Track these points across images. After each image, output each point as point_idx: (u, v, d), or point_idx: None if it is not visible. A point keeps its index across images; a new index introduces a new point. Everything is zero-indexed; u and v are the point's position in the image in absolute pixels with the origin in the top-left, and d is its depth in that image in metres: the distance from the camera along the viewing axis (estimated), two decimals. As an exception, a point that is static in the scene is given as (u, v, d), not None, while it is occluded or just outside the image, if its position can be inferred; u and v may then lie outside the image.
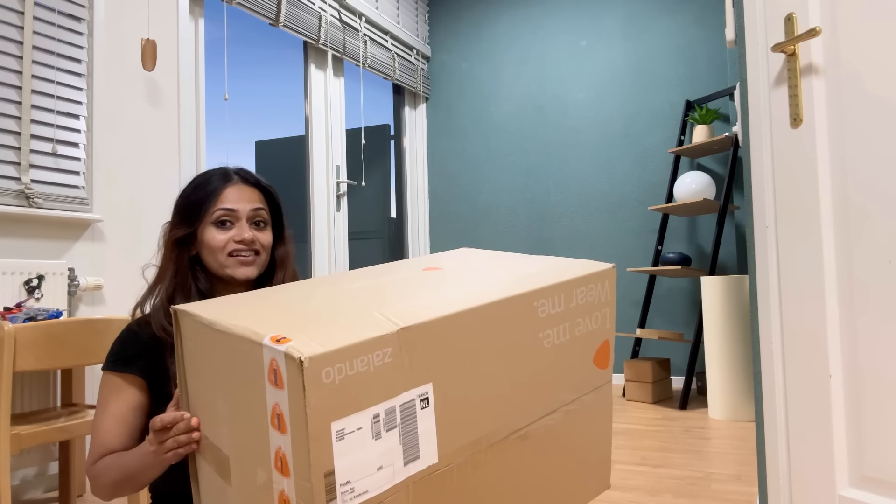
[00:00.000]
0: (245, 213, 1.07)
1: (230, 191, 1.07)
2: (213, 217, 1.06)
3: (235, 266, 1.06)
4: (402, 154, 4.63)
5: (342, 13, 3.84)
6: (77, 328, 1.70)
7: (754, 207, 1.41)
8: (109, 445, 0.99)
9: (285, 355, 0.59)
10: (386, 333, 0.64)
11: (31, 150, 2.14)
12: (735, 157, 3.33)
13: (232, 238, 1.06)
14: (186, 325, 0.79)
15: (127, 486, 0.94)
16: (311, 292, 0.81)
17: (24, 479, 2.09)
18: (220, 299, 0.81)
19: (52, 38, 2.21)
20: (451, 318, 0.70)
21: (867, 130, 1.19)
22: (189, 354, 0.80)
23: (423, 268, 0.93)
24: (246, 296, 0.83)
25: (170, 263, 1.08)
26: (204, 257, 1.08)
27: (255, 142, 3.74)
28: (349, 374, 0.61)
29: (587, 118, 4.19)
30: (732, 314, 2.98)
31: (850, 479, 1.22)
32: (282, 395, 0.61)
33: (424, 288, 0.80)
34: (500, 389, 0.76)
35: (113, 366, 1.04)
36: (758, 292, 1.40)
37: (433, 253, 1.10)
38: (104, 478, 0.96)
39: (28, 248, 2.13)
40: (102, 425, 1.01)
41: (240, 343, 0.66)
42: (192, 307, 0.78)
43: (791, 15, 1.30)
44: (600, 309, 0.91)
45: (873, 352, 1.17)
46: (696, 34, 3.90)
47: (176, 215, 1.10)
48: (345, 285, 0.83)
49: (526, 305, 0.79)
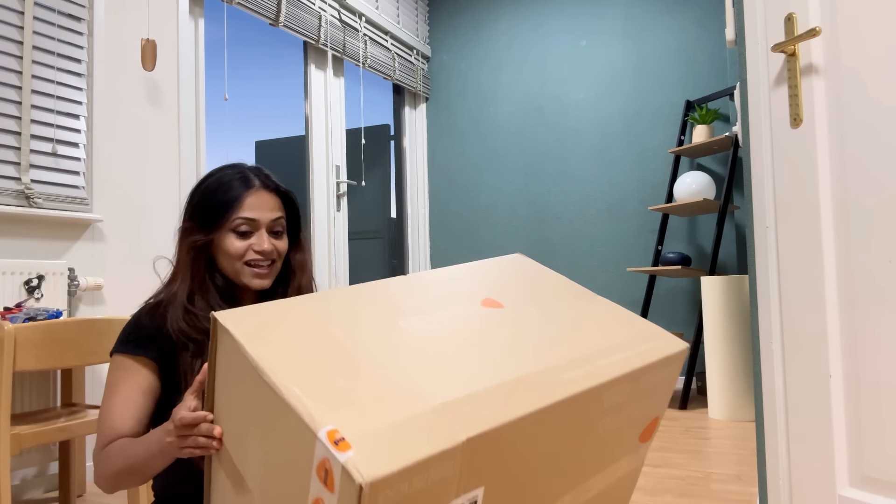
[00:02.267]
0: (265, 223, 1.07)
1: (251, 199, 1.06)
2: (233, 225, 1.05)
3: (251, 276, 1.06)
4: (402, 154, 4.63)
5: (342, 13, 3.84)
6: (77, 328, 1.70)
7: (754, 207, 1.41)
8: (118, 429, 0.98)
9: (343, 468, 0.54)
10: (452, 447, 0.59)
11: (31, 150, 2.14)
12: (735, 157, 3.33)
13: (251, 247, 1.06)
14: (226, 344, 0.73)
15: (130, 477, 0.92)
16: (368, 332, 0.74)
17: (24, 479, 2.09)
18: (262, 319, 0.73)
19: (52, 38, 2.21)
20: (517, 422, 0.65)
21: (867, 130, 1.19)
22: (223, 371, 0.75)
23: (482, 300, 0.86)
24: (292, 324, 0.74)
25: (188, 268, 1.06)
26: (219, 261, 1.08)
27: (255, 142, 3.74)
28: (406, 493, 0.57)
29: (587, 118, 4.19)
30: (732, 314, 2.98)
31: (850, 479, 1.22)
32: (330, 496, 0.57)
33: (488, 347, 0.75)
34: (547, 477, 0.73)
35: (125, 347, 1.02)
36: (758, 292, 1.40)
37: (477, 261, 1.00)
38: (108, 465, 0.94)
39: (28, 248, 2.13)
40: (112, 408, 0.99)
41: (290, 413, 0.61)
42: (236, 328, 0.71)
43: (791, 15, 1.30)
44: (662, 390, 0.86)
45: (873, 352, 1.17)
46: (696, 34, 3.90)
47: (193, 217, 1.08)
48: (402, 322, 0.77)
49: (594, 398, 0.74)
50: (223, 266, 1.07)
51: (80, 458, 2.09)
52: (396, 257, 4.60)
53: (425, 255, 4.67)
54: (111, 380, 1.02)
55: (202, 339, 1.02)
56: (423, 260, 4.65)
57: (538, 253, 4.30)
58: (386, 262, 4.54)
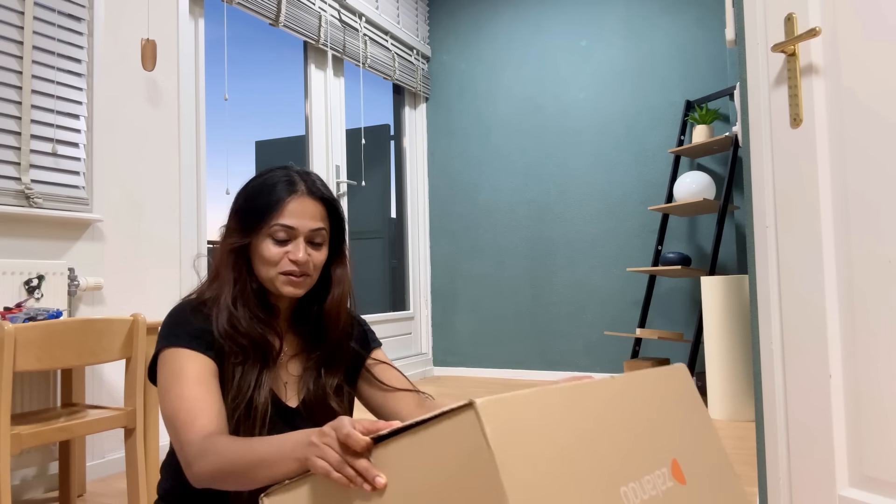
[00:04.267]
0: (304, 232, 1.02)
1: (293, 205, 1.01)
2: (271, 230, 1.01)
3: (284, 284, 1.02)
4: (402, 154, 4.63)
5: (342, 13, 3.84)
6: (77, 328, 1.70)
7: (754, 207, 1.41)
8: (205, 410, 0.91)
9: None
10: None
11: (31, 150, 2.14)
12: (735, 157, 3.33)
13: (287, 255, 1.01)
14: (464, 431, 0.63)
15: (235, 478, 0.83)
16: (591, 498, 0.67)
17: (24, 479, 2.09)
18: (520, 430, 0.63)
19: (52, 38, 2.21)
20: None
21: (867, 130, 1.19)
22: (432, 441, 0.66)
23: (671, 463, 0.83)
24: (543, 450, 0.65)
25: (229, 270, 1.03)
26: (255, 264, 1.04)
27: (255, 142, 3.74)
28: None
29: (587, 118, 4.19)
30: (732, 314, 2.98)
31: (850, 479, 1.22)
32: None
33: None
34: None
35: (180, 341, 0.96)
36: (758, 292, 1.40)
37: (650, 374, 0.95)
38: (214, 458, 0.84)
39: (28, 248, 2.13)
40: (186, 393, 0.91)
41: None
42: (493, 434, 0.60)
43: (791, 15, 1.30)
44: None
45: (873, 352, 1.17)
46: (696, 34, 3.90)
47: (235, 219, 1.05)
48: (622, 489, 0.72)
49: None
50: (258, 270, 1.03)
51: (80, 458, 2.09)
52: (396, 257, 4.60)
53: (425, 255, 4.67)
54: (170, 371, 0.94)
55: (248, 346, 0.99)
56: (424, 260, 4.65)
57: (538, 253, 4.30)
58: (386, 262, 4.54)
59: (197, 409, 0.91)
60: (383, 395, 1.12)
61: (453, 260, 4.60)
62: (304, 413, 1.04)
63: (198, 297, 1.04)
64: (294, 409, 1.04)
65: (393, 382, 1.12)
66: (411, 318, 4.55)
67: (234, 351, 0.98)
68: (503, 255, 4.42)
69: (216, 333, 0.98)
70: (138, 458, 1.84)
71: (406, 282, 4.61)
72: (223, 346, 0.98)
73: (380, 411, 1.13)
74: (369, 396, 1.14)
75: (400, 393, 1.11)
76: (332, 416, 1.04)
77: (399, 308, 4.58)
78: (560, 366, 4.22)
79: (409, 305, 4.59)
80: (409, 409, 1.10)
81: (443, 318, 4.63)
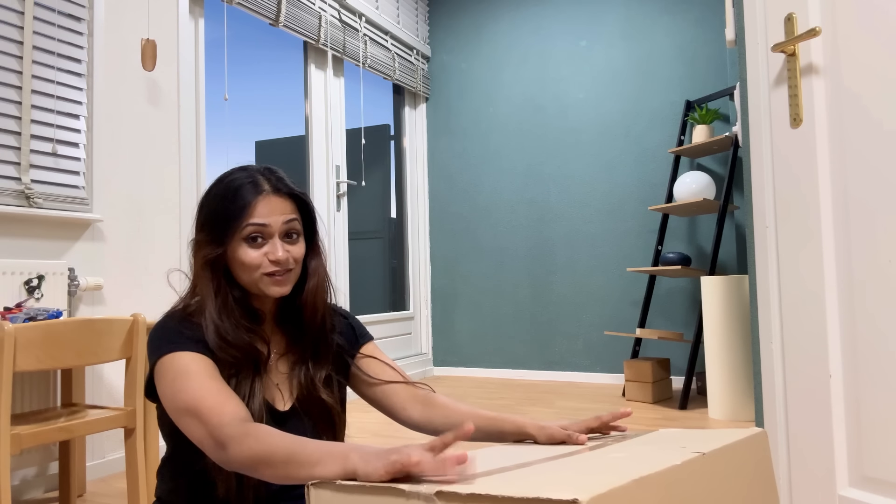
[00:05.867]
0: (277, 228, 1.00)
1: (261, 206, 0.99)
2: (244, 233, 0.98)
3: (270, 285, 1.00)
4: (402, 154, 4.63)
5: (342, 13, 3.84)
6: (77, 328, 1.70)
7: (754, 207, 1.41)
8: (232, 396, 0.89)
9: None
10: None
11: (31, 150, 2.14)
12: (735, 157, 3.33)
13: (266, 256, 0.99)
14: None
15: (273, 468, 0.80)
16: None
17: (24, 479, 2.09)
18: None
19: (52, 38, 2.21)
20: None
21: (867, 130, 1.19)
22: None
23: None
24: None
25: (207, 283, 1.00)
26: (235, 272, 1.01)
27: (255, 142, 3.74)
28: None
29: (587, 118, 4.19)
30: (732, 314, 2.98)
31: (850, 479, 1.22)
32: None
33: None
34: None
35: (178, 346, 0.94)
36: (758, 292, 1.40)
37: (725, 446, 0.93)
38: (254, 443, 0.81)
39: (28, 248, 2.13)
40: (207, 385, 0.89)
41: None
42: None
43: (791, 15, 1.30)
44: None
45: (873, 352, 1.17)
46: (696, 34, 3.90)
47: (203, 230, 1.02)
48: None
49: None
50: (240, 277, 1.01)
51: (80, 458, 2.09)
52: (396, 257, 4.60)
53: (425, 255, 4.67)
54: (177, 372, 0.92)
55: (239, 358, 0.98)
56: (423, 260, 4.65)
57: (538, 253, 4.30)
58: (386, 262, 4.54)
59: (223, 395, 0.89)
60: (374, 389, 1.11)
61: (453, 260, 4.60)
62: (299, 409, 1.04)
63: (183, 308, 1.01)
64: (286, 412, 1.04)
65: (381, 376, 1.11)
66: (411, 318, 4.55)
67: (228, 363, 0.97)
68: (503, 255, 4.42)
69: (209, 344, 0.96)
70: (138, 458, 1.84)
71: (406, 282, 4.61)
72: (217, 356, 0.96)
73: (376, 406, 1.13)
74: (363, 391, 1.14)
75: (392, 386, 1.10)
76: (324, 408, 1.04)
77: (399, 308, 4.58)
78: (560, 366, 4.22)
79: (409, 305, 4.59)
80: (404, 403, 1.09)
81: (443, 318, 4.63)
